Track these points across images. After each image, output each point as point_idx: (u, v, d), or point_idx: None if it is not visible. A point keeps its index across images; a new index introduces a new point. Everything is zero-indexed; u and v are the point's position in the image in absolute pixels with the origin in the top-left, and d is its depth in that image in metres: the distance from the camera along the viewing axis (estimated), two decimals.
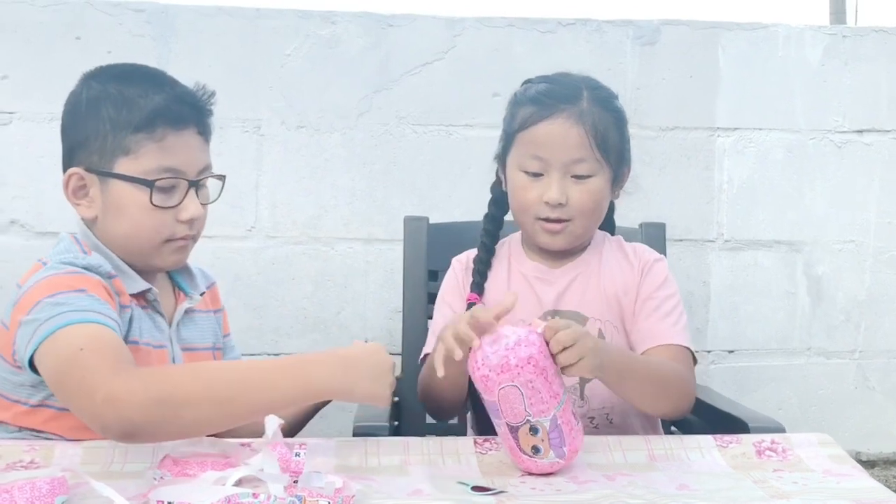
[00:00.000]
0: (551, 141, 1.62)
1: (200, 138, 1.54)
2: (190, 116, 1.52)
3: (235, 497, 1.17)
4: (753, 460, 1.42)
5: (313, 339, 2.40)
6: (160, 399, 1.27)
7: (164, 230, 1.51)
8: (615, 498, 1.24)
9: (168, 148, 1.49)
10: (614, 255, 1.75)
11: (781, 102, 2.51)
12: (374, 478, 1.33)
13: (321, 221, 2.38)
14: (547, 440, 1.34)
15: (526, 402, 1.32)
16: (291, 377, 1.35)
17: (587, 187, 1.64)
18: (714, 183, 2.50)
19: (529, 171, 1.64)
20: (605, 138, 1.63)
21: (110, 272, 1.49)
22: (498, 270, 1.75)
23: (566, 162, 1.62)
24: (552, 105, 1.63)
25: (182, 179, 1.50)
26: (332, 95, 2.37)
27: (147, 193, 1.48)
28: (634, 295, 1.71)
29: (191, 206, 1.51)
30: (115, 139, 1.49)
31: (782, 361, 2.56)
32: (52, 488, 1.17)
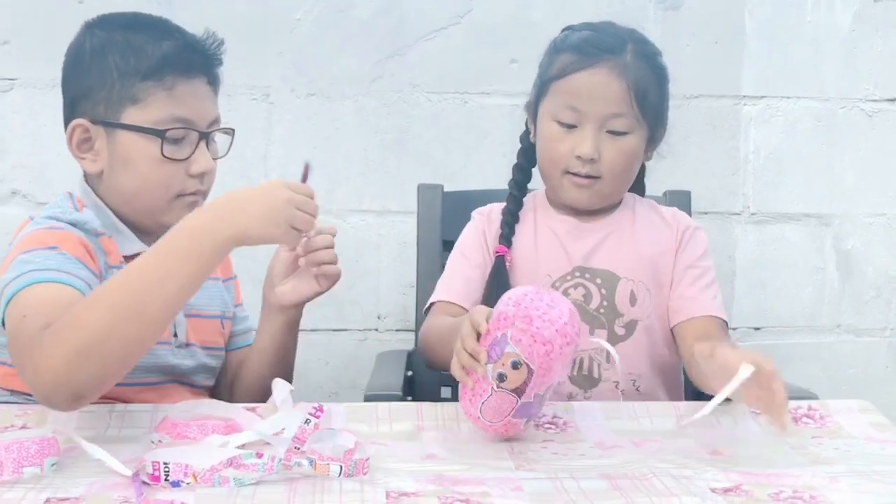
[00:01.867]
0: (590, 92, 1.55)
1: (209, 88, 1.49)
2: (200, 64, 1.47)
3: (238, 458, 1.09)
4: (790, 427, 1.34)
5: (323, 314, 2.32)
6: (77, 349, 1.17)
7: (174, 184, 1.45)
8: (643, 463, 1.17)
9: (178, 96, 1.43)
10: (649, 216, 1.69)
11: (810, 70, 2.42)
12: (386, 442, 1.25)
13: (332, 193, 2.30)
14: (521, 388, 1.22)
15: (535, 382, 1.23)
16: (186, 249, 1.23)
17: (622, 145, 1.57)
18: (740, 153, 2.41)
19: (563, 122, 1.57)
20: (646, 95, 1.57)
21: (97, 230, 1.43)
22: (524, 224, 1.67)
23: (604, 115, 1.55)
24: (595, 54, 1.56)
25: (193, 130, 1.45)
26: (344, 62, 2.30)
27: (158, 144, 1.42)
28: (672, 258, 1.64)
29: (202, 160, 1.45)
30: (122, 88, 1.43)
31: (811, 339, 2.47)
32: (41, 449, 1.11)
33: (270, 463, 1.09)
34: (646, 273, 1.62)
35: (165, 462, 1.07)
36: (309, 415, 1.15)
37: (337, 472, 1.09)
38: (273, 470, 1.09)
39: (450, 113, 2.33)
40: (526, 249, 1.64)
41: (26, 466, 1.09)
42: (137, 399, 1.41)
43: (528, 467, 1.16)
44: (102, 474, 1.10)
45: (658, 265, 1.63)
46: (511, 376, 1.21)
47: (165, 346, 1.48)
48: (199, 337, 1.55)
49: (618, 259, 1.62)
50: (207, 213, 1.28)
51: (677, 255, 1.65)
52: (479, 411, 1.24)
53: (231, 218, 1.25)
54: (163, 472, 1.07)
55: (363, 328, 2.35)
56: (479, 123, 2.33)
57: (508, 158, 1.72)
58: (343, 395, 2.34)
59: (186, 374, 1.52)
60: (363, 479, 1.10)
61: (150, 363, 1.45)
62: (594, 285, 1.61)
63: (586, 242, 1.63)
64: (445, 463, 1.17)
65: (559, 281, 1.61)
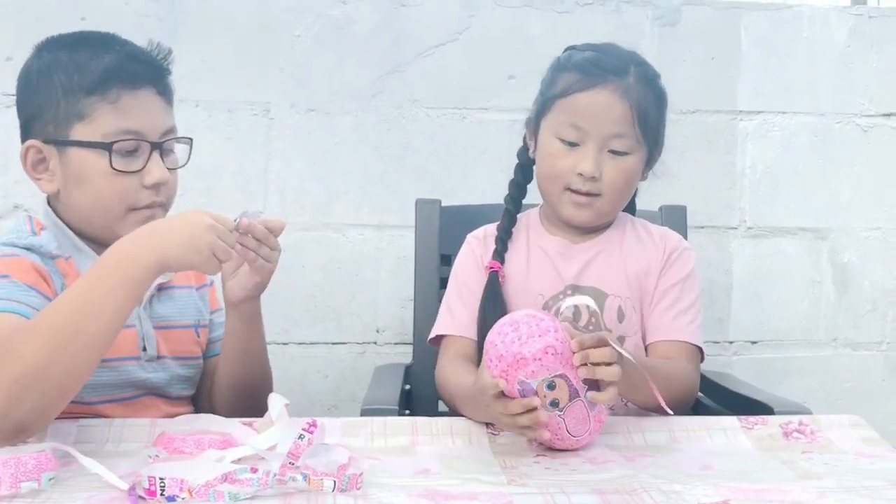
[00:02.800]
0: (594, 111, 1.57)
1: (160, 99, 1.48)
2: (145, 75, 1.46)
3: (233, 474, 1.11)
4: (780, 442, 1.36)
5: (324, 327, 2.34)
6: (16, 381, 1.18)
7: (127, 196, 1.45)
8: (635, 478, 1.18)
9: (124, 108, 1.43)
10: (637, 235, 1.70)
11: (806, 85, 2.44)
12: (380, 457, 1.27)
13: (331, 207, 2.32)
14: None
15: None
16: (114, 275, 1.25)
17: (623, 164, 1.59)
18: (736, 168, 2.43)
19: (565, 140, 1.59)
20: (647, 117, 1.59)
21: (53, 252, 1.44)
22: (517, 245, 1.70)
23: (606, 135, 1.57)
24: (599, 75, 1.58)
25: (143, 142, 1.45)
26: (344, 77, 2.31)
27: (106, 158, 1.42)
28: (656, 278, 1.66)
29: (155, 170, 1.45)
30: (67, 105, 1.43)
31: (807, 353, 2.48)
32: (39, 464, 1.12)
33: (265, 478, 1.10)
34: (632, 291, 1.64)
35: (161, 477, 1.09)
36: (303, 430, 1.16)
37: (331, 488, 1.11)
38: (268, 485, 1.10)
39: (448, 128, 2.35)
40: (518, 268, 1.66)
41: (24, 481, 1.10)
42: (113, 414, 1.43)
43: (521, 482, 1.17)
44: (100, 489, 1.11)
45: (642, 283, 1.65)
46: (559, 395, 1.27)
47: (133, 361, 1.49)
48: (172, 348, 1.56)
49: (606, 277, 1.64)
50: (132, 239, 1.29)
51: (660, 274, 1.66)
52: (572, 434, 1.29)
53: (153, 244, 1.27)
54: (159, 487, 1.08)
55: (362, 341, 2.36)
56: (477, 139, 2.35)
57: (507, 173, 1.73)
58: (342, 408, 2.35)
59: (160, 386, 1.53)
60: (357, 493, 1.11)
61: (121, 379, 1.47)
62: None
63: (577, 262, 1.65)
64: (439, 477, 1.19)
65: (552, 300, 1.63)
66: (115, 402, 1.47)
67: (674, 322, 1.63)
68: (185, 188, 2.21)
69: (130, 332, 1.49)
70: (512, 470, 1.22)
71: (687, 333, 1.62)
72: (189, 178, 2.24)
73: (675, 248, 1.69)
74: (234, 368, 1.56)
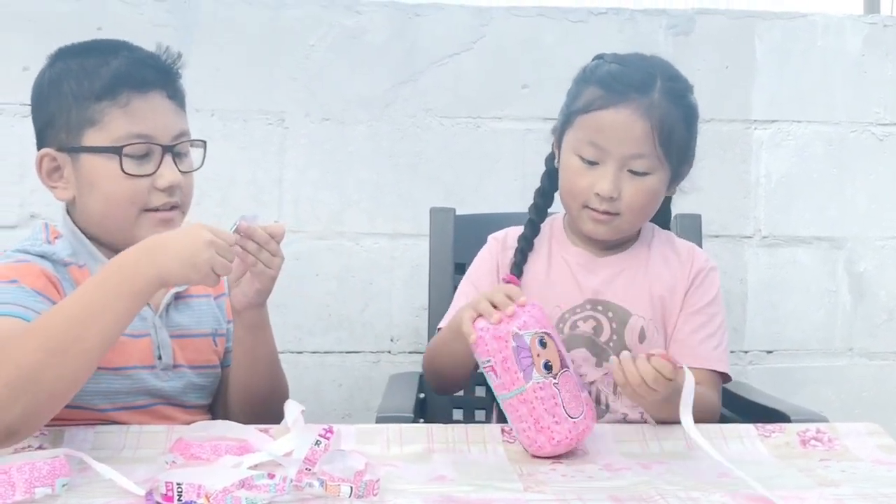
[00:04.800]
0: (613, 130, 1.53)
1: (171, 102, 1.49)
2: (155, 79, 1.47)
3: (250, 479, 1.11)
4: (797, 450, 1.35)
5: (337, 337, 2.34)
6: (7, 385, 1.19)
7: (138, 199, 1.45)
8: (651, 485, 1.18)
9: (134, 112, 1.44)
10: (662, 252, 1.67)
11: (820, 94, 2.43)
12: (396, 463, 1.26)
13: (345, 216, 2.33)
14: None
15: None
16: (114, 286, 1.26)
17: (643, 185, 1.55)
18: (751, 177, 2.42)
19: (585, 158, 1.56)
20: (671, 136, 1.54)
21: (66, 259, 1.45)
22: (539, 253, 1.67)
23: (625, 155, 1.54)
24: (621, 91, 1.53)
25: (154, 145, 1.45)
26: (357, 87, 2.32)
27: (117, 162, 1.43)
28: (681, 298, 1.63)
29: (167, 173, 1.46)
30: (79, 112, 1.45)
31: (823, 362, 2.46)
32: (53, 469, 1.12)
33: (282, 484, 1.10)
34: (656, 311, 1.62)
35: (179, 482, 1.09)
36: (319, 436, 1.16)
37: (347, 493, 1.11)
38: (285, 490, 1.10)
39: (462, 137, 2.35)
40: (538, 279, 1.64)
41: (38, 487, 1.10)
42: (127, 422, 1.43)
43: (537, 489, 1.17)
44: (115, 494, 1.12)
45: (666, 302, 1.63)
46: (551, 357, 1.32)
47: (148, 369, 1.49)
48: (189, 357, 1.56)
49: (629, 296, 1.62)
50: (134, 252, 1.29)
51: (686, 295, 1.64)
52: (569, 415, 1.30)
53: (153, 258, 1.27)
54: (176, 493, 1.08)
55: (376, 350, 2.36)
56: (490, 147, 2.35)
57: (520, 182, 1.73)
58: (356, 417, 2.35)
59: (174, 395, 1.53)
60: (373, 500, 1.11)
61: (135, 387, 1.47)
62: (605, 318, 1.61)
63: (599, 276, 1.63)
64: (454, 484, 1.19)
65: (569, 312, 1.61)
66: (129, 410, 1.47)
67: (699, 347, 1.60)
68: (200, 196, 2.24)
69: (145, 342, 1.49)
70: (528, 477, 1.22)
71: (714, 360, 1.60)
72: (204, 186, 2.26)
73: (701, 268, 1.66)
74: (243, 377, 1.56)
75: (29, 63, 2.25)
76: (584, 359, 1.60)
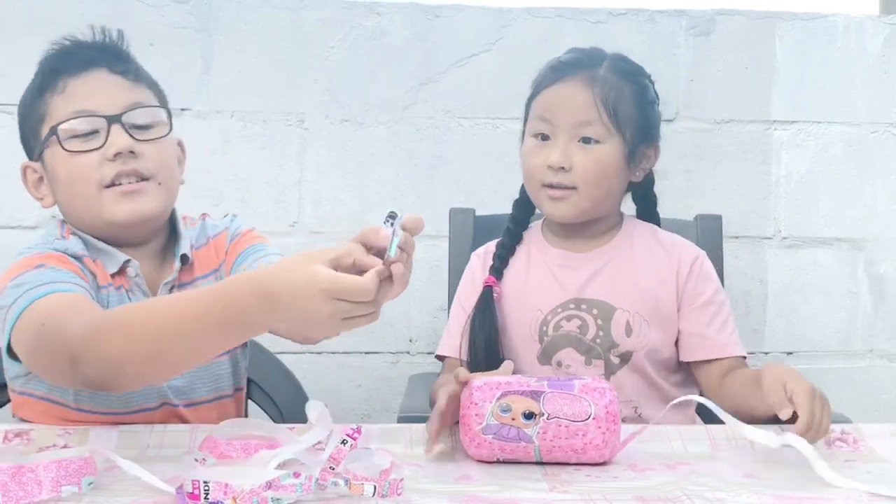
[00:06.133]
0: (559, 102, 1.59)
1: (118, 77, 1.46)
2: (92, 58, 1.45)
3: (276, 480, 1.11)
4: (823, 451, 1.34)
5: (356, 337, 2.34)
6: (101, 358, 1.21)
7: (91, 175, 1.41)
8: (677, 486, 1.17)
9: (71, 94, 1.43)
10: (647, 244, 1.67)
11: (841, 94, 2.42)
12: (420, 463, 1.26)
13: (365, 217, 2.32)
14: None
15: None
16: (215, 322, 1.15)
17: (593, 154, 1.57)
18: (771, 178, 2.41)
19: (537, 135, 1.60)
20: (617, 105, 1.58)
21: (78, 253, 1.44)
22: (518, 259, 1.69)
23: (572, 124, 1.57)
24: (567, 69, 1.61)
25: (96, 117, 1.41)
26: (377, 88, 2.33)
27: (60, 144, 1.42)
28: (674, 289, 1.63)
29: (116, 140, 1.41)
30: (34, 112, 1.45)
31: (843, 364, 2.46)
32: (79, 468, 1.12)
33: (307, 483, 1.10)
34: (644, 304, 1.61)
35: (206, 481, 1.09)
36: (346, 435, 1.16)
37: (371, 492, 1.11)
38: (310, 490, 1.10)
39: (481, 138, 2.35)
40: (517, 284, 1.65)
41: (65, 485, 1.10)
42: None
43: (562, 489, 1.16)
44: (142, 492, 1.12)
45: (659, 296, 1.62)
46: (522, 406, 1.25)
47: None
48: None
49: (614, 290, 1.62)
50: (247, 293, 1.13)
51: (686, 288, 1.63)
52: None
53: (271, 308, 1.12)
54: (202, 491, 1.09)
55: (395, 351, 2.36)
56: (510, 148, 2.31)
57: None
58: (375, 418, 2.35)
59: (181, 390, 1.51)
60: (397, 499, 1.11)
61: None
62: (590, 316, 1.61)
63: (581, 274, 1.63)
64: (479, 484, 1.18)
65: (551, 314, 1.62)
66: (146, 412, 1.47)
67: (719, 337, 1.61)
68: (219, 198, 2.26)
69: None
70: (553, 477, 1.21)
71: (734, 346, 1.62)
72: (224, 188, 2.27)
73: (694, 258, 1.65)
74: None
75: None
76: (572, 358, 1.61)
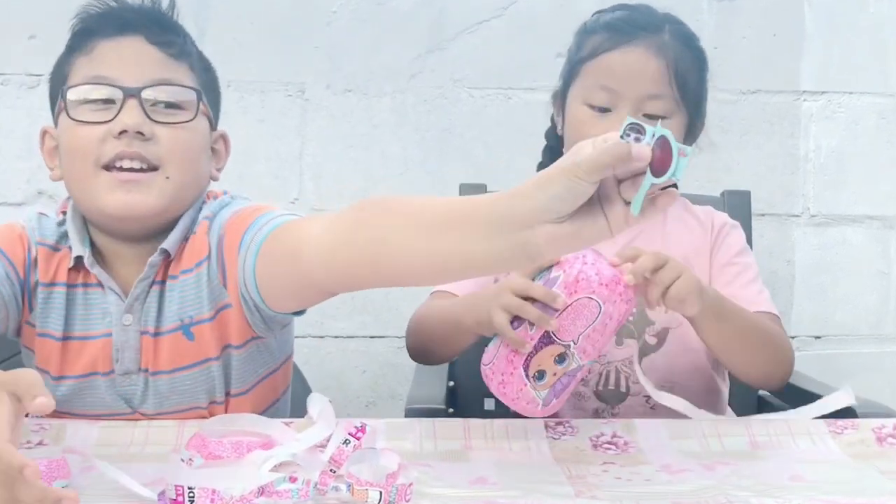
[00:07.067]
0: (626, 71, 1.44)
1: (153, 49, 1.29)
2: (131, 22, 1.30)
3: (270, 485, 0.99)
4: (874, 448, 1.22)
5: (361, 321, 2.24)
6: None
7: (90, 150, 1.24)
8: (718, 490, 1.05)
9: (98, 57, 1.28)
10: (681, 215, 1.58)
11: (873, 63, 2.30)
12: (430, 463, 1.14)
13: (370, 193, 2.21)
14: (558, 375, 1.18)
15: (589, 329, 1.15)
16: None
17: None
18: (800, 151, 2.29)
19: (595, 106, 1.46)
20: (686, 78, 1.46)
21: (41, 239, 1.32)
22: None
23: (640, 96, 1.44)
24: (630, 32, 1.46)
25: (111, 86, 1.25)
26: (382, 56, 2.21)
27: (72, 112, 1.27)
28: (707, 258, 1.54)
29: (125, 116, 1.24)
30: (59, 73, 1.32)
31: (874, 348, 2.34)
32: (49, 471, 1.02)
33: (305, 488, 0.99)
34: None
35: (190, 487, 0.97)
36: (349, 434, 1.05)
37: (377, 499, 0.99)
38: (308, 496, 0.98)
39: (492, 109, 2.24)
40: None
41: None
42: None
43: (590, 493, 1.05)
44: (121, 497, 1.01)
45: (693, 265, 1.50)
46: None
47: (102, 376, 1.33)
48: (163, 359, 1.36)
49: None
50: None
51: (712, 253, 1.55)
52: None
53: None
54: (187, 498, 0.97)
55: (401, 335, 2.22)
56: (523, 120, 2.23)
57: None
58: (380, 405, 2.25)
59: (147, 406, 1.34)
60: None
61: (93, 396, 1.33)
62: None
63: (613, 245, 1.51)
64: (497, 488, 1.07)
65: None
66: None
67: (743, 293, 1.48)
68: None
69: (102, 344, 1.31)
70: (579, 480, 1.09)
71: (762, 302, 1.49)
72: None
73: (723, 224, 1.58)
74: None
75: (36, 31, 2.16)
76: None
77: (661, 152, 0.88)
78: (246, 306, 1.28)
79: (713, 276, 1.53)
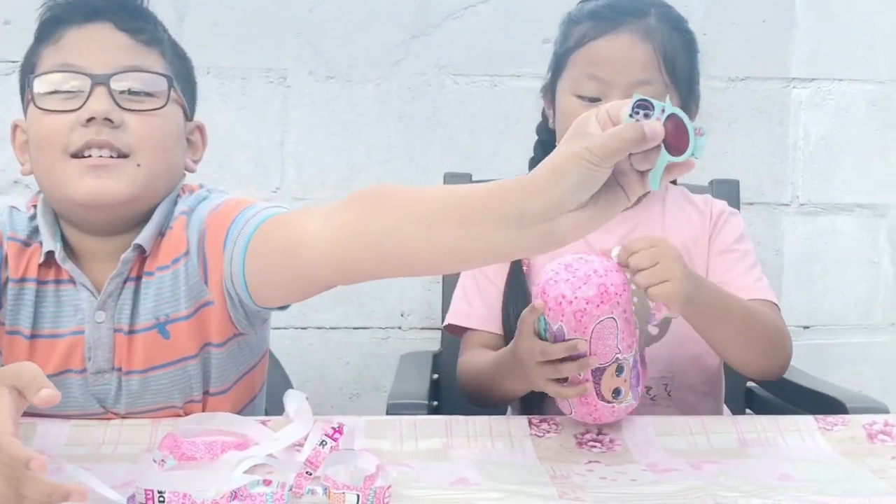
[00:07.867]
0: (613, 58, 1.42)
1: (123, 35, 1.26)
2: (98, 9, 1.26)
3: (243, 489, 0.96)
4: (865, 445, 1.20)
5: (344, 312, 2.20)
6: None
7: (57, 139, 1.21)
8: (705, 490, 1.03)
9: (65, 45, 1.25)
10: (680, 204, 1.56)
11: (864, 50, 2.27)
12: (410, 463, 1.11)
13: (353, 182, 2.17)
14: (629, 380, 1.18)
15: (619, 335, 1.16)
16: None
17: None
18: (789, 139, 2.26)
19: (585, 96, 1.43)
20: (675, 61, 1.44)
21: (10, 233, 1.28)
22: None
23: (630, 83, 1.41)
24: (615, 18, 1.43)
25: (78, 73, 1.22)
26: (365, 42, 2.16)
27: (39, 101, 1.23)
28: (706, 246, 1.52)
29: (93, 104, 1.21)
30: (27, 63, 1.29)
31: (864, 338, 2.32)
32: None
33: (280, 491, 0.96)
34: None
35: (160, 490, 0.94)
36: (325, 435, 1.01)
37: (353, 502, 0.96)
38: (283, 499, 0.95)
39: (478, 97, 2.20)
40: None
41: None
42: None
43: (574, 495, 1.02)
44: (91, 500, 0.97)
45: (692, 253, 1.50)
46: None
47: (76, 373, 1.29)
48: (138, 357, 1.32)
49: None
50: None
51: (711, 240, 1.53)
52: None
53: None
54: (157, 502, 0.94)
55: (385, 326, 2.22)
56: (509, 108, 2.19)
57: None
58: (363, 398, 2.22)
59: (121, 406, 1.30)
60: None
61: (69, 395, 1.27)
62: None
63: (613, 235, 1.47)
64: (479, 489, 1.04)
65: None
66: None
67: (741, 280, 1.47)
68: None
69: (74, 342, 1.27)
70: (562, 480, 1.07)
71: (760, 289, 1.47)
72: None
73: (721, 211, 1.56)
74: None
75: (10, 17, 2.11)
76: None
77: (674, 127, 0.88)
78: (230, 302, 1.25)
79: (711, 263, 1.51)
